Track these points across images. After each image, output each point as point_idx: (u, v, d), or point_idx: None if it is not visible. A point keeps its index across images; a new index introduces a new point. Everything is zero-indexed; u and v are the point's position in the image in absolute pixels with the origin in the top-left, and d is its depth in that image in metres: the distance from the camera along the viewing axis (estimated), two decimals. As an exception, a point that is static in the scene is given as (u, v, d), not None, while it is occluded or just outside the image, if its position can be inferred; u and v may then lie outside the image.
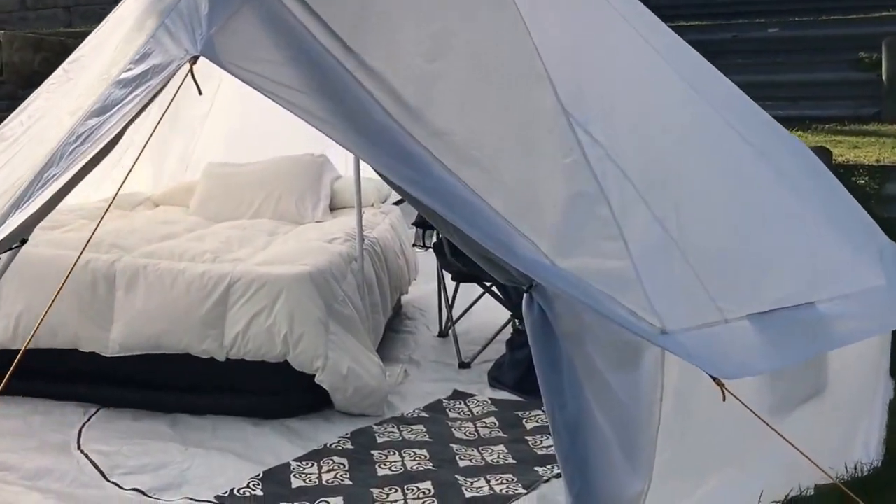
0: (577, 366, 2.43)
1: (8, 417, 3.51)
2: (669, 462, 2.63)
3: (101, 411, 3.66)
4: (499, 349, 4.52)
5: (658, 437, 2.57)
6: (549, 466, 3.31)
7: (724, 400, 2.40)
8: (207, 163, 5.28)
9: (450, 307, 4.73)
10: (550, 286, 2.40)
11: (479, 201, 2.45)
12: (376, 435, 3.59)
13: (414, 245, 4.69)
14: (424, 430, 3.65)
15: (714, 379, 2.40)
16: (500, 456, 3.43)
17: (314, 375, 3.64)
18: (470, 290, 4.97)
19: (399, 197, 6.00)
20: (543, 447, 3.50)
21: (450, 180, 2.45)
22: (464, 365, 4.44)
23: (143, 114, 2.56)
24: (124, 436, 3.46)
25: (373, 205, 5.19)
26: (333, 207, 5.19)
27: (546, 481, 3.22)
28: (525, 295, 2.46)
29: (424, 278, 5.88)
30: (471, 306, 4.93)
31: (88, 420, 3.58)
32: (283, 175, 5.11)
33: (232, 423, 3.63)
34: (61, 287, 2.50)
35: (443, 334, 4.91)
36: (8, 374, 2.38)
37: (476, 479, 3.22)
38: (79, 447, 3.37)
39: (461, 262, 4.48)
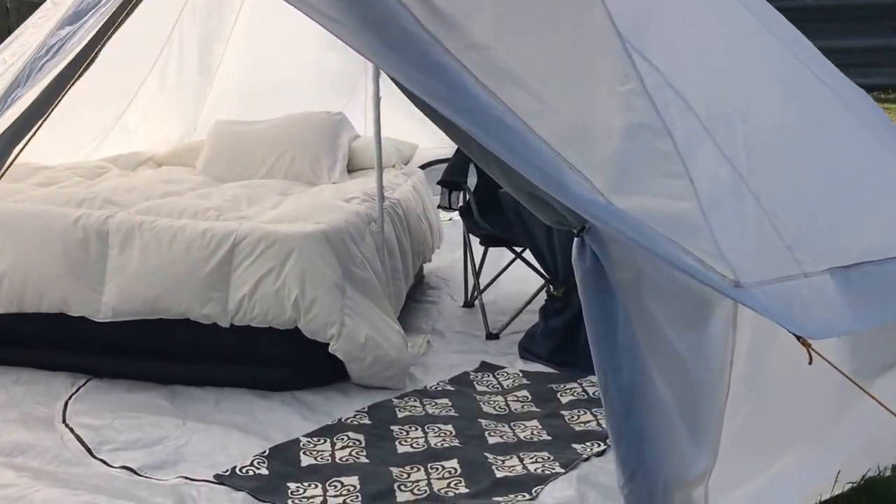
0: (634, 322, 2.01)
1: (-12, 387, 3.15)
2: (738, 436, 2.22)
3: (91, 382, 3.27)
4: (529, 320, 4.11)
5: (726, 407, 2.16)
6: (587, 443, 2.91)
7: (810, 363, 1.98)
8: (215, 121, 4.88)
9: (477, 274, 4.32)
10: (606, 228, 1.98)
11: (524, 127, 2.03)
12: (396, 409, 3.19)
13: (439, 206, 4.28)
14: (449, 403, 3.25)
15: (799, 339, 1.98)
16: (534, 432, 3.02)
17: (328, 344, 3.24)
18: (498, 259, 4.56)
19: (425, 161, 5.60)
20: (581, 423, 3.09)
21: (489, 100, 2.03)
22: (492, 336, 4.03)
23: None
24: (116, 409, 3.08)
25: (394, 166, 4.77)
26: (352, 169, 4.77)
27: (586, 459, 2.81)
28: (576, 240, 2.04)
29: (448, 247, 5.47)
30: (500, 274, 4.52)
31: (77, 391, 3.20)
32: (298, 134, 4.69)
33: (236, 395, 3.24)
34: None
35: (468, 304, 4.50)
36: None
37: (507, 457, 2.82)
38: (64, 421, 2.99)
39: (490, 223, 4.07)
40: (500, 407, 3.25)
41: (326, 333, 3.22)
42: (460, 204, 4.31)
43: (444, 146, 5.83)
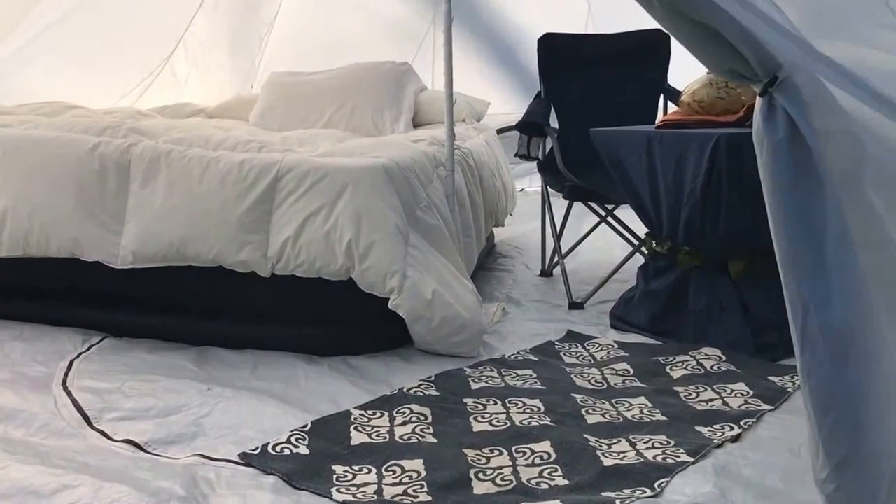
0: (853, 229, 1.22)
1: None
2: None
3: (106, 341, 2.58)
4: (617, 290, 3.33)
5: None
6: (716, 426, 2.11)
7: None
8: (271, 72, 4.19)
9: (558, 237, 3.54)
10: (812, 75, 1.19)
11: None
12: (470, 380, 2.43)
13: (517, 155, 3.53)
14: (534, 375, 2.48)
15: None
16: (644, 411, 2.23)
17: (387, 299, 2.50)
18: (576, 228, 3.78)
19: (501, 126, 4.86)
20: (702, 401, 2.29)
21: None
22: (575, 305, 3.25)
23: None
24: (129, 371, 2.37)
25: (464, 120, 4.03)
26: (417, 124, 4.05)
27: (718, 446, 2.01)
28: (760, 102, 1.26)
29: (520, 218, 4.72)
30: (582, 239, 3.75)
31: (88, 350, 2.50)
32: (359, 84, 3.99)
33: (277, 359, 2.52)
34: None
35: (546, 273, 3.74)
36: None
37: (614, 441, 2.04)
38: (63, 383, 2.28)
39: (576, 176, 3.29)
40: (596, 381, 2.47)
41: (385, 286, 2.48)
42: (538, 154, 3.54)
43: (516, 111, 5.10)
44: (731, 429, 2.11)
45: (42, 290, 2.65)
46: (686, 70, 3.72)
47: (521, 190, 5.33)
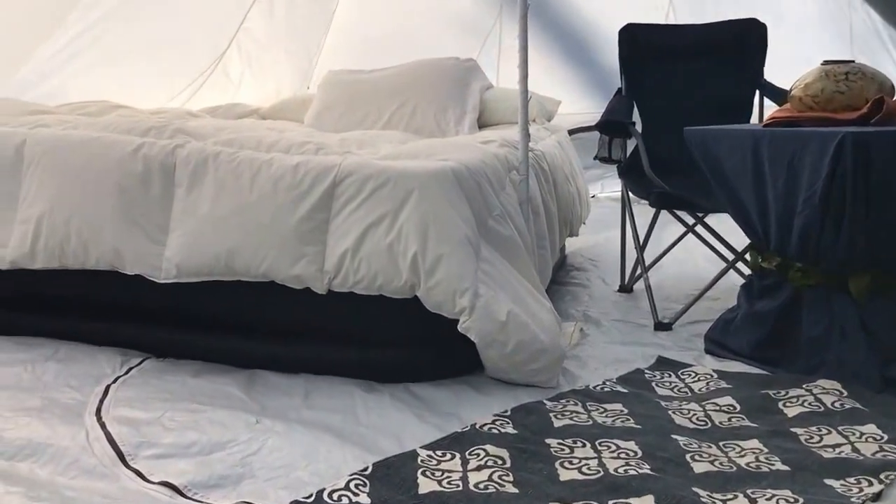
0: None
1: (10, 364, 2.25)
2: None
3: (147, 362, 2.35)
4: (709, 308, 3.01)
5: None
6: (850, 480, 1.80)
7: None
8: (328, 71, 3.95)
9: (641, 248, 3.22)
10: None
11: None
12: (552, 415, 2.13)
13: (597, 157, 3.22)
14: (625, 410, 2.17)
15: None
16: (760, 458, 1.91)
17: (457, 320, 2.22)
18: (657, 239, 3.45)
19: (571, 126, 4.56)
20: (827, 447, 1.96)
21: None
22: (662, 326, 2.93)
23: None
24: (171, 398, 2.13)
25: (534, 120, 3.73)
26: (483, 125, 3.77)
27: (863, 506, 1.69)
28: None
29: (593, 227, 4.41)
30: (670, 248, 3.41)
31: (126, 374, 2.27)
32: (421, 82, 3.72)
33: (332, 385, 2.26)
34: None
35: (626, 289, 3.42)
36: None
37: (730, 497, 1.73)
38: (98, 412, 2.05)
39: (665, 181, 2.97)
40: (698, 419, 2.15)
41: (455, 306, 2.20)
42: (620, 157, 3.23)
43: (587, 111, 4.80)
44: (870, 483, 1.78)
45: (79, 304, 2.43)
46: (784, 64, 3.39)
47: (593, 196, 5.01)
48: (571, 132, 4.24)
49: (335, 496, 1.72)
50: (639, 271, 3.29)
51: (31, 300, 2.45)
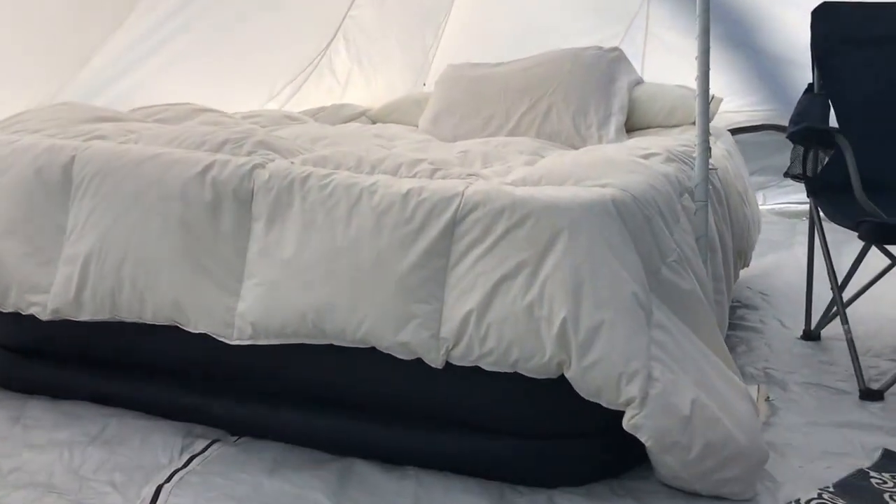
0: None
1: (45, 448, 1.77)
2: None
3: (214, 448, 1.82)
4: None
5: None
6: None
7: None
8: (447, 65, 3.39)
9: (839, 287, 2.52)
10: None
11: None
12: (758, 557, 1.51)
13: (787, 174, 2.55)
14: (863, 551, 1.52)
15: None
16: None
17: (621, 412, 1.61)
18: (843, 267, 2.72)
19: (730, 126, 3.86)
20: None
21: None
22: (871, 394, 2.24)
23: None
24: (242, 499, 1.60)
25: (692, 123, 3.06)
26: (629, 129, 3.13)
27: None
28: None
29: (758, 248, 3.68)
30: (869, 285, 2.69)
31: (186, 465, 1.76)
32: (556, 77, 3.12)
33: (450, 485, 1.70)
34: None
35: (811, 336, 2.72)
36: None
37: None
38: (140, 530, 1.55)
39: (874, 201, 2.26)
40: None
41: (620, 394, 1.58)
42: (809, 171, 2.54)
43: (746, 109, 4.08)
44: None
45: (135, 363, 1.95)
46: None
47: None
48: (733, 133, 3.55)
49: None
50: (829, 313, 2.60)
51: (79, 355, 1.99)
